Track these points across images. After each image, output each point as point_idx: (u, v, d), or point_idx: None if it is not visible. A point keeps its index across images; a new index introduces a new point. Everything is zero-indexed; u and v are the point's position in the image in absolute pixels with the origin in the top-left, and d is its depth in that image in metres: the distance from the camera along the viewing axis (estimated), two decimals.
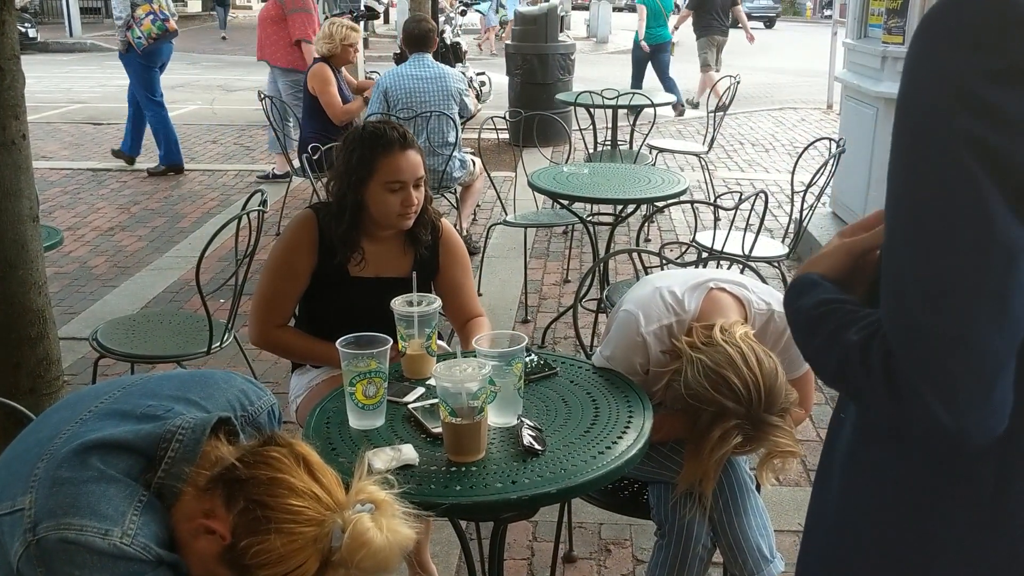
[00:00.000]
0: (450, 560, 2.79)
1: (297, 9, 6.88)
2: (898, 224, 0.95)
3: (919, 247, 0.91)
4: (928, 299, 0.90)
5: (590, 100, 6.43)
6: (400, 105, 5.32)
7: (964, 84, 0.88)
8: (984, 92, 0.87)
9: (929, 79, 0.92)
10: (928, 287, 0.90)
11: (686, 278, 2.17)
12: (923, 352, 0.91)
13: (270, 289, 2.48)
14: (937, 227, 0.90)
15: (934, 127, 0.90)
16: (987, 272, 0.87)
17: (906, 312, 0.92)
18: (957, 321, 0.89)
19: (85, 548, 1.26)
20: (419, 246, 2.53)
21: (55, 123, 10.34)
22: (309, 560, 1.32)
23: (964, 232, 0.88)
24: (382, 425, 1.94)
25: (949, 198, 0.89)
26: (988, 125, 0.87)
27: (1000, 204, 0.86)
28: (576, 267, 5.48)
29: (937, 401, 0.91)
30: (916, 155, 0.93)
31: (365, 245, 2.49)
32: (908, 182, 0.94)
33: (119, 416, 1.43)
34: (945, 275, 0.89)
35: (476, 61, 13.45)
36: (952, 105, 0.88)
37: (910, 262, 0.92)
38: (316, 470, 1.38)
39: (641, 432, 1.90)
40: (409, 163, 2.42)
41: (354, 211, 2.43)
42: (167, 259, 5.68)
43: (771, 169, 8.18)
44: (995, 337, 0.89)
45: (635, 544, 2.89)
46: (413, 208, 2.43)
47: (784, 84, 14.77)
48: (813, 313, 1.07)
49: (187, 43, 20.68)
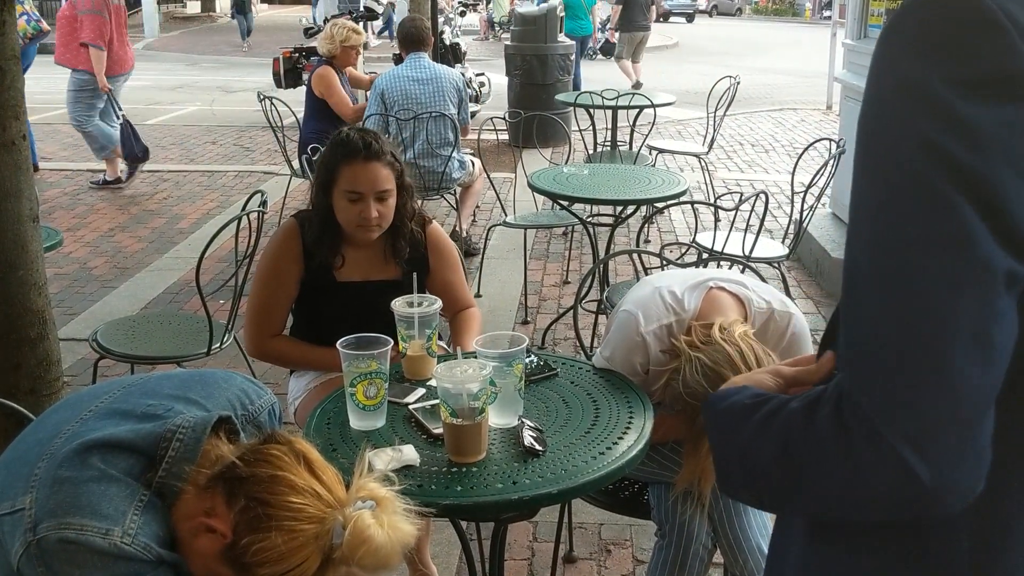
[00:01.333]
0: (450, 560, 2.79)
1: (88, 11, 6.82)
2: (864, 253, 0.84)
3: (888, 276, 0.81)
4: (901, 328, 0.79)
5: (590, 101, 6.44)
6: (397, 107, 5.31)
7: (932, 96, 0.79)
8: (954, 106, 0.78)
9: (893, 92, 0.82)
10: (900, 316, 0.79)
11: (685, 278, 2.17)
12: (892, 390, 0.79)
13: (260, 300, 2.49)
14: (910, 254, 0.79)
15: (900, 145, 0.81)
16: (967, 301, 0.77)
17: (873, 342, 0.81)
18: (934, 352, 0.78)
19: (86, 548, 1.26)
20: (399, 258, 2.50)
21: (54, 124, 10.33)
22: (310, 558, 1.32)
23: (941, 259, 0.78)
24: (383, 426, 1.94)
25: (924, 223, 0.79)
26: (960, 144, 0.77)
27: (980, 228, 0.77)
28: (576, 268, 5.48)
29: (908, 447, 0.78)
30: (881, 176, 0.83)
31: (347, 251, 2.48)
32: (872, 203, 0.83)
33: (119, 415, 1.43)
34: (919, 304, 0.78)
35: (476, 62, 13.44)
36: (919, 119, 0.79)
37: (877, 291, 0.81)
38: (317, 468, 1.38)
39: (642, 433, 1.90)
40: (368, 174, 2.36)
41: (324, 216, 2.42)
42: (166, 260, 5.68)
43: (771, 170, 8.19)
44: (976, 372, 0.78)
45: (635, 544, 2.89)
46: (371, 221, 2.38)
47: (784, 85, 14.78)
48: (747, 403, 0.94)
49: (187, 44, 20.71)
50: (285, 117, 5.94)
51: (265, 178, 7.71)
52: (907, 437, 0.78)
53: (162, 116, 11.18)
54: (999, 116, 0.77)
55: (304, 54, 8.80)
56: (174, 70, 16.52)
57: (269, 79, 9.21)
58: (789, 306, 2.17)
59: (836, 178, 4.57)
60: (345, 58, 5.82)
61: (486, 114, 6.16)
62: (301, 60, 8.76)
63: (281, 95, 6.63)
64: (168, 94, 13.19)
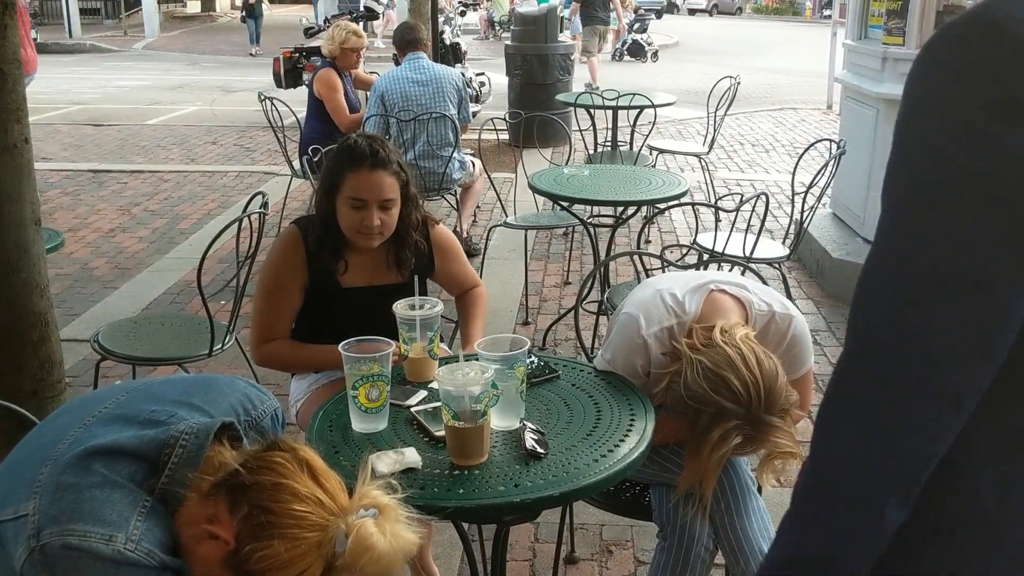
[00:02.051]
0: (452, 562, 2.80)
1: None
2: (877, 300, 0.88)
3: (907, 288, 0.85)
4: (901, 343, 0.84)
5: (590, 101, 6.43)
6: (397, 108, 5.30)
7: (966, 118, 0.82)
8: (985, 126, 0.81)
9: (928, 114, 0.86)
10: (910, 328, 0.84)
11: (687, 280, 2.17)
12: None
13: (263, 311, 2.47)
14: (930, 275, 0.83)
15: (935, 164, 0.84)
16: (979, 329, 0.82)
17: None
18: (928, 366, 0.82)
19: (89, 554, 1.26)
20: (402, 267, 2.50)
21: (55, 124, 10.35)
22: (313, 565, 1.32)
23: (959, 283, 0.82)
24: (385, 428, 1.95)
25: (948, 240, 0.83)
26: (990, 160, 0.80)
27: (999, 254, 0.81)
28: (576, 269, 5.48)
29: None
30: (915, 193, 0.86)
31: (350, 256, 2.48)
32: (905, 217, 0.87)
33: (122, 421, 1.43)
34: (933, 325, 0.83)
35: (476, 62, 13.44)
36: (954, 141, 0.82)
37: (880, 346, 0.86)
38: (319, 475, 1.38)
39: (643, 435, 1.90)
40: (373, 182, 2.36)
41: (326, 221, 2.42)
42: (168, 260, 5.69)
43: (771, 170, 8.19)
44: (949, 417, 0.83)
45: (637, 545, 2.89)
46: (373, 230, 2.38)
47: (784, 84, 14.78)
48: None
49: (187, 44, 20.72)
50: (285, 117, 5.94)
51: (266, 178, 7.72)
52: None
53: (163, 116, 11.19)
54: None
55: (304, 54, 8.80)
56: (174, 70, 16.53)
57: (269, 79, 9.21)
58: (790, 308, 2.17)
59: (836, 178, 4.57)
60: (345, 60, 5.81)
61: (486, 114, 6.16)
62: (301, 60, 8.76)
63: (281, 95, 6.64)
64: (168, 94, 13.20)
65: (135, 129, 10.24)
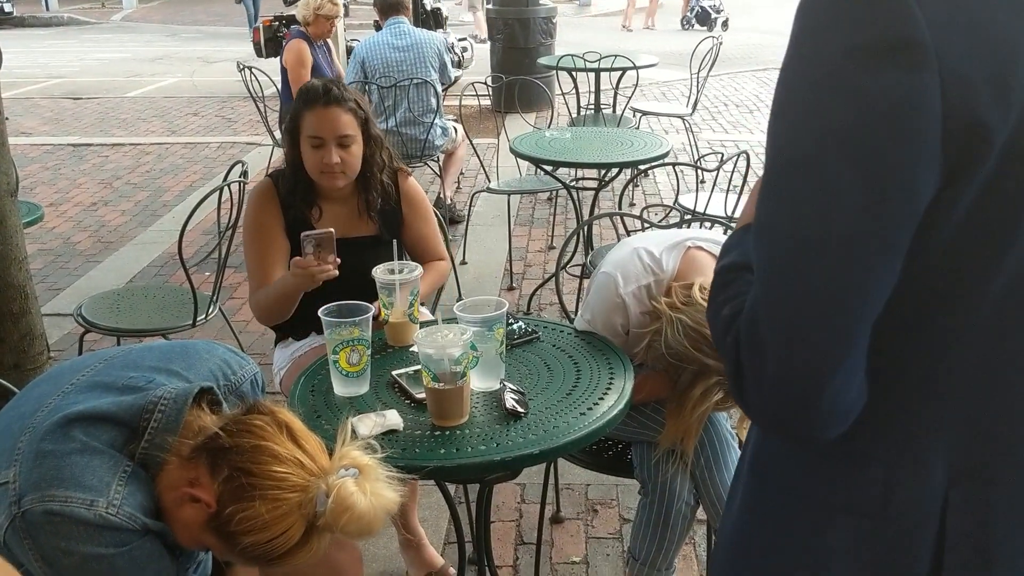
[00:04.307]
0: (440, 523, 2.83)
1: None
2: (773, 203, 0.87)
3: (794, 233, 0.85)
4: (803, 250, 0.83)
5: (572, 64, 6.40)
6: (378, 75, 5.26)
7: (831, 67, 0.80)
8: (849, 75, 0.78)
9: (800, 59, 0.84)
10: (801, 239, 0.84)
11: (664, 238, 2.18)
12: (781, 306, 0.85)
13: (253, 259, 2.47)
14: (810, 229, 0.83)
15: (805, 115, 0.82)
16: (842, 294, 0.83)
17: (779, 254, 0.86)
18: (825, 275, 0.82)
19: (70, 519, 1.28)
20: (372, 211, 2.53)
21: (34, 98, 10.23)
22: (294, 526, 1.34)
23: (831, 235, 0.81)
24: (367, 392, 1.96)
25: (819, 190, 0.82)
26: (852, 108, 0.78)
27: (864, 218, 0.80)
28: (561, 233, 5.48)
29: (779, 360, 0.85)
30: (786, 147, 0.85)
31: (323, 205, 2.51)
32: (783, 156, 0.86)
33: (101, 388, 1.44)
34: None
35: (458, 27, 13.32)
36: (821, 91, 0.81)
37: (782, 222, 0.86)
38: (299, 436, 1.40)
39: (622, 393, 1.92)
40: (329, 118, 2.40)
41: (295, 167, 2.47)
42: (151, 233, 5.66)
43: (756, 130, 8.17)
44: (859, 304, 0.83)
45: (622, 503, 2.93)
46: (334, 168, 2.41)
47: (768, 44, 14.68)
48: (716, 280, 1.02)
49: (166, 15, 20.45)
50: (266, 87, 5.89)
51: (248, 149, 7.66)
52: (779, 348, 0.85)
53: (143, 88, 11.07)
54: (894, 82, 0.77)
55: (284, 22, 8.70)
56: (154, 41, 16.32)
57: (250, 49, 9.11)
58: None
59: None
60: (319, 27, 5.70)
61: (468, 79, 6.12)
62: (281, 28, 8.66)
63: (261, 65, 6.57)
64: (148, 66, 13.04)
65: (115, 102, 10.13)
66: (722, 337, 0.93)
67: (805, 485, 0.99)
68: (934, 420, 0.91)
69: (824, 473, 0.97)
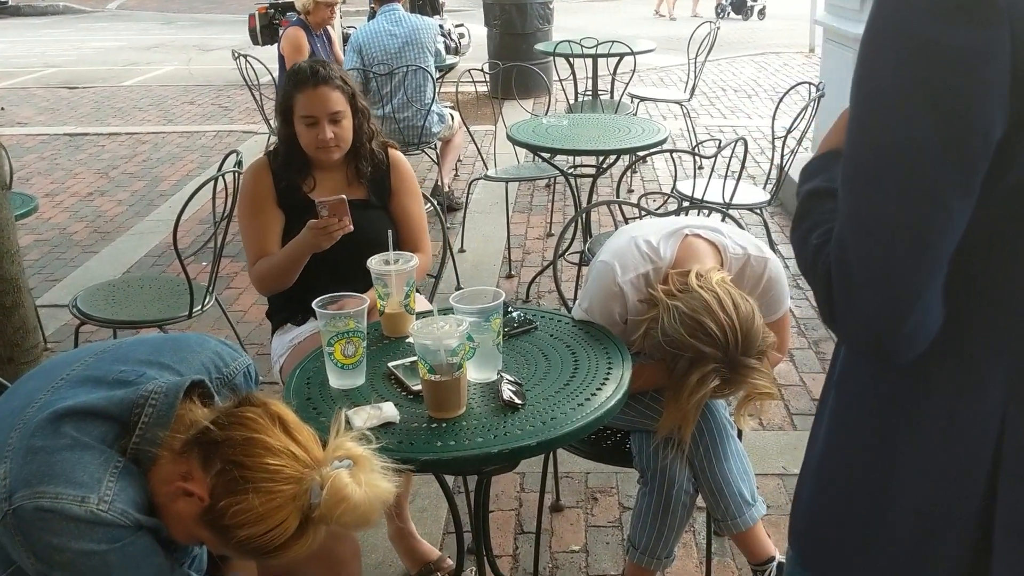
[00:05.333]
0: (439, 513, 2.82)
1: None
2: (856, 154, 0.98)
3: (874, 178, 0.95)
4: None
5: (569, 50, 6.36)
6: (376, 62, 5.23)
7: (912, 21, 0.90)
8: (923, 29, 0.88)
9: (880, 17, 0.94)
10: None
11: (661, 226, 2.17)
12: (866, 244, 0.94)
13: (248, 233, 2.58)
14: (886, 169, 0.93)
15: (884, 68, 0.92)
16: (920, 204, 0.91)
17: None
18: (912, 221, 0.92)
19: (61, 515, 1.26)
20: (362, 178, 2.65)
21: (30, 88, 10.19)
22: (289, 518, 1.33)
23: (902, 179, 0.92)
24: (362, 384, 1.95)
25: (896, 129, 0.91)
26: (929, 59, 0.88)
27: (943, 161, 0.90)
28: (559, 220, 5.46)
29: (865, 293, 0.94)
30: (873, 86, 0.95)
31: (316, 175, 2.63)
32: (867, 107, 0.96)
33: (92, 383, 1.42)
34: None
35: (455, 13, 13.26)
36: (897, 45, 0.91)
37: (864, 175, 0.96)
38: (292, 428, 1.38)
39: (620, 383, 1.91)
40: (319, 98, 2.51)
41: (288, 145, 2.59)
42: (148, 223, 5.64)
43: (754, 115, 8.14)
44: (940, 240, 0.93)
45: (621, 492, 2.92)
46: (329, 143, 2.52)
47: (765, 28, 14.63)
48: (800, 207, 1.11)
49: (161, 2, 20.35)
50: (261, 75, 5.86)
51: (244, 137, 7.64)
52: (865, 283, 0.95)
53: (139, 77, 11.03)
54: (966, 36, 0.86)
55: (280, 9, 8.66)
56: (150, 29, 16.25)
57: (246, 36, 9.07)
58: (764, 251, 2.17)
59: (818, 121, 4.55)
60: (318, 15, 5.67)
61: (464, 66, 6.08)
62: (277, 16, 8.62)
63: (257, 52, 6.54)
64: (144, 54, 12.99)
65: (111, 91, 10.09)
66: (811, 266, 1.03)
67: (879, 398, 1.09)
68: (998, 341, 0.99)
69: (896, 388, 1.06)
